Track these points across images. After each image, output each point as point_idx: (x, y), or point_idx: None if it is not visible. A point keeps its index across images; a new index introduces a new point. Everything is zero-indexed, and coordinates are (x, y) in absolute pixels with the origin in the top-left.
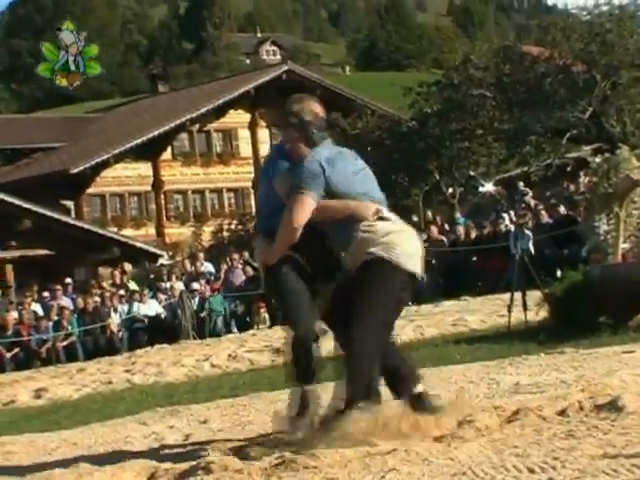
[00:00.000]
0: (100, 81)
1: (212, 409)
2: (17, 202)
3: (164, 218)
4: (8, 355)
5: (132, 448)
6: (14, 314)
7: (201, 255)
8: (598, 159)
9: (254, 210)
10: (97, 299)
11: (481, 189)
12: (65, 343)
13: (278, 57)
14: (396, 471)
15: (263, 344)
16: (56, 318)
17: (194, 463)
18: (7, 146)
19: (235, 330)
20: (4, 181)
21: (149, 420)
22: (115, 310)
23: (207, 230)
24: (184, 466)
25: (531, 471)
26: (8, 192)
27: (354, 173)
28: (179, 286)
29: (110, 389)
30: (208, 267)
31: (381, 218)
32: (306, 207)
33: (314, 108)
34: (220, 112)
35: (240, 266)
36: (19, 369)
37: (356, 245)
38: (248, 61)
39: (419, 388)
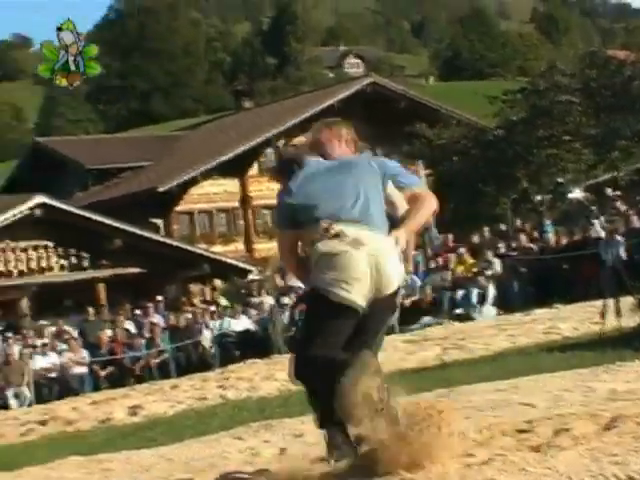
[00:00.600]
0: (185, 99)
1: (306, 423)
2: (108, 221)
3: (253, 233)
4: (103, 373)
5: (228, 463)
6: (108, 332)
7: None
8: None
9: None
10: (188, 316)
11: (570, 196)
12: (158, 360)
13: (361, 70)
14: None
15: None
16: (148, 335)
17: None
18: (96, 166)
19: None
20: (94, 201)
21: (244, 435)
22: (207, 326)
23: None
24: None
25: (631, 479)
26: (98, 212)
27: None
28: (269, 301)
29: (204, 405)
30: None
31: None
32: (279, 242)
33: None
34: (305, 126)
35: None
36: (113, 387)
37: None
38: (332, 75)
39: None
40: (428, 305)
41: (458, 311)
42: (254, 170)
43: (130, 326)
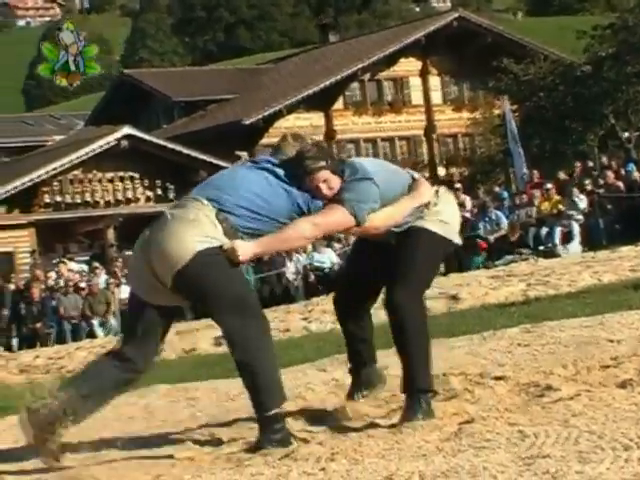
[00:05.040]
0: (271, 32)
1: (391, 355)
2: (193, 153)
3: None
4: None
5: (313, 394)
6: None
7: None
8: None
9: (426, 158)
10: None
11: None
12: None
13: (448, 4)
14: (579, 415)
15: (438, 291)
16: None
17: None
18: (182, 99)
19: None
20: (180, 133)
21: (328, 367)
22: (291, 259)
23: None
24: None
25: None
26: (184, 144)
27: None
28: (352, 236)
29: (288, 337)
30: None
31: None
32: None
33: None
34: (391, 61)
35: None
36: (197, 318)
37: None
38: (418, 9)
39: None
40: (513, 241)
41: (543, 248)
42: (339, 104)
43: None
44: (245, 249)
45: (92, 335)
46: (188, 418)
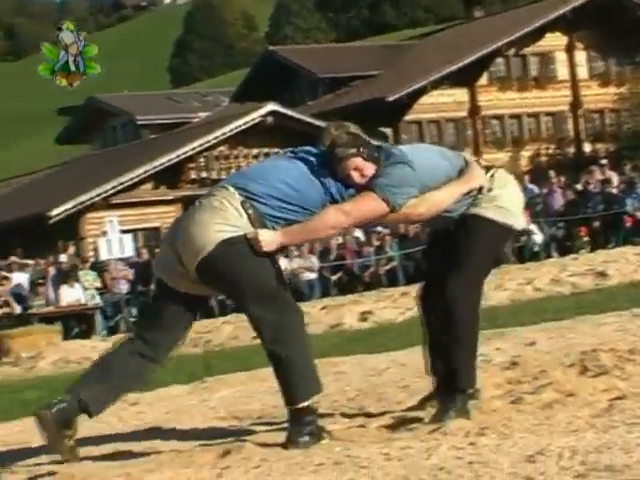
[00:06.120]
0: (415, 9)
1: (537, 332)
2: None
3: (481, 143)
4: (333, 278)
5: None
6: (338, 239)
7: (526, 177)
8: None
9: (572, 134)
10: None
11: None
12: (387, 268)
13: None
14: None
15: (585, 268)
16: (377, 243)
17: None
18: (327, 75)
19: (555, 254)
20: (325, 109)
21: None
22: None
23: (524, 155)
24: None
25: None
26: (328, 120)
27: None
28: None
29: None
30: (532, 190)
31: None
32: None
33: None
34: (536, 36)
35: (559, 190)
36: (342, 293)
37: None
38: None
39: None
40: None
41: None
42: (484, 80)
43: (359, 234)
44: (269, 239)
45: (238, 310)
46: (336, 392)
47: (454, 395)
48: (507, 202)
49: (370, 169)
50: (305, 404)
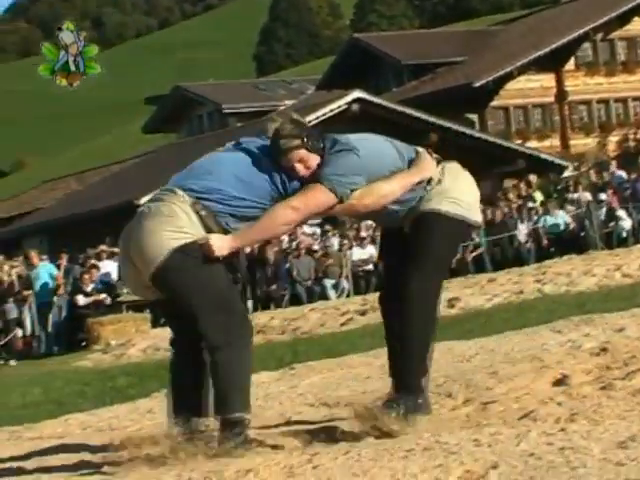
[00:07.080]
0: None
1: (627, 318)
2: (423, 116)
3: (568, 129)
4: None
5: (549, 355)
6: None
7: (613, 163)
8: None
9: None
10: (505, 210)
11: None
12: (474, 254)
13: None
14: None
15: None
16: None
17: None
18: (412, 62)
19: None
20: (410, 96)
21: (564, 329)
22: (522, 221)
23: (612, 140)
24: None
25: None
26: (413, 107)
27: None
28: (586, 197)
29: (521, 299)
30: (620, 175)
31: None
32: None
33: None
34: (624, 20)
35: None
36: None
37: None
38: None
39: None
40: None
41: None
42: (570, 65)
43: None
44: (221, 244)
45: (324, 297)
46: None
47: (403, 393)
48: (458, 194)
49: (314, 160)
50: (240, 415)
